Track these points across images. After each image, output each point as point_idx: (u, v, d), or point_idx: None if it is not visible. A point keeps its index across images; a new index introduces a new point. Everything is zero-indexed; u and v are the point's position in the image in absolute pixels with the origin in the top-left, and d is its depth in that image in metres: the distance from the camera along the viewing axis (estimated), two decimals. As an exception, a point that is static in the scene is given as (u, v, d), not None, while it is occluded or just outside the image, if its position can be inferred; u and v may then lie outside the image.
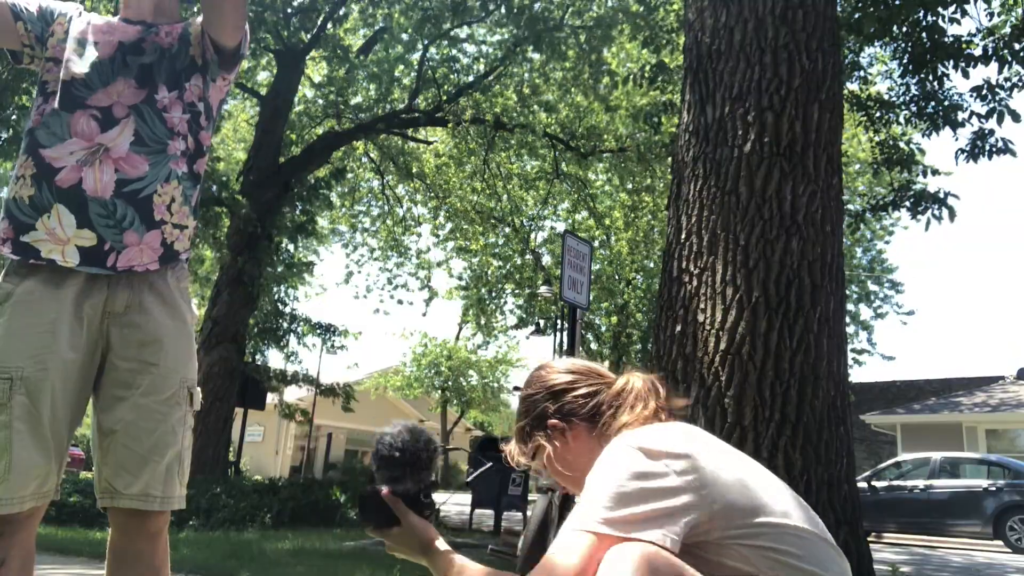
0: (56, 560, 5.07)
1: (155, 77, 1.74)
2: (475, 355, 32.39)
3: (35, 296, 1.61)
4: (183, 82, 1.77)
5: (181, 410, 1.66)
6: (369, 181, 16.72)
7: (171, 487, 1.63)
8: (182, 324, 1.71)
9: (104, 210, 1.63)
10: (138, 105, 1.70)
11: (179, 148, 1.74)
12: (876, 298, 24.03)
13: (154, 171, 1.69)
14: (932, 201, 7.38)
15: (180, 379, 1.66)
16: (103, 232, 1.62)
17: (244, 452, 16.93)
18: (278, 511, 8.07)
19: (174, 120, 1.74)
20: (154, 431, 1.61)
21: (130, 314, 1.65)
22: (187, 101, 1.77)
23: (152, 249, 1.68)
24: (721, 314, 3.61)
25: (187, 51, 1.80)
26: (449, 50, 13.32)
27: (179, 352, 1.68)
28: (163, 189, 1.69)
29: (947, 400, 20.20)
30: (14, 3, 1.77)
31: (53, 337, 1.58)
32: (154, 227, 1.68)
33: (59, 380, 1.58)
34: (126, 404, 1.62)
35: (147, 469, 1.60)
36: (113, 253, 1.63)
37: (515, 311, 20.67)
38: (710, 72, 4.11)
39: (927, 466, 12.84)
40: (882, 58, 9.32)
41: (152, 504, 1.60)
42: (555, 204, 17.52)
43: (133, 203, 1.65)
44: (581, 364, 1.35)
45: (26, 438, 1.54)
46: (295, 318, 13.39)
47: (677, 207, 4.08)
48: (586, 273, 7.12)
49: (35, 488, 1.55)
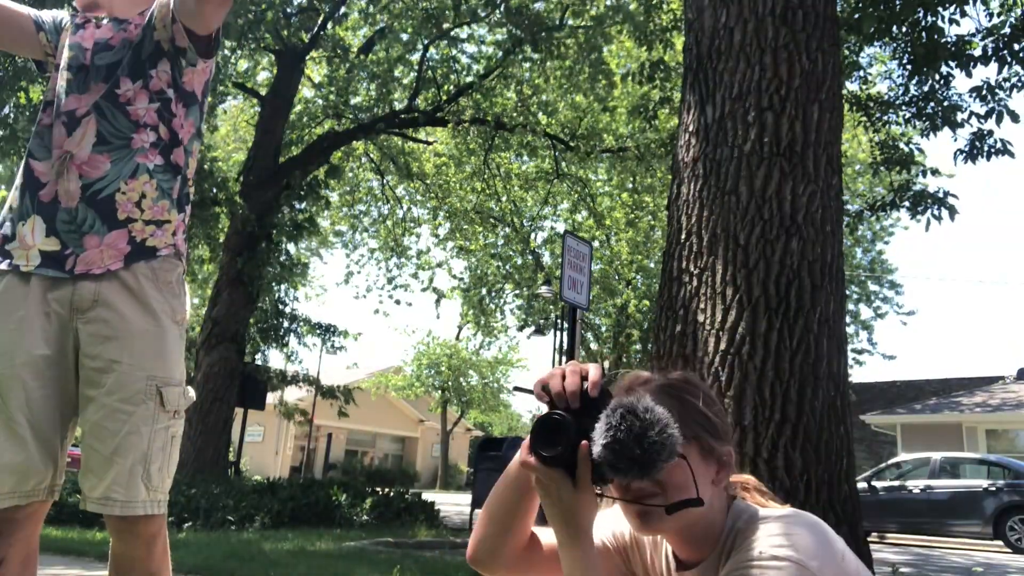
0: (56, 560, 5.07)
1: (117, 71, 1.70)
2: (476, 355, 32.39)
3: (5, 296, 1.61)
4: (148, 70, 1.71)
5: (148, 409, 1.59)
6: (369, 181, 16.72)
7: (134, 490, 1.55)
8: (152, 321, 1.64)
9: (68, 216, 1.63)
10: (98, 102, 1.67)
11: (147, 140, 1.69)
12: (876, 298, 24.06)
13: (116, 168, 1.65)
14: (932, 201, 7.39)
15: (146, 377, 1.60)
16: (65, 238, 1.63)
17: (244, 452, 16.93)
18: (278, 511, 8.07)
19: (139, 112, 1.69)
20: (118, 432, 1.56)
21: (96, 309, 1.61)
22: (154, 90, 1.71)
23: (115, 249, 1.64)
24: (721, 314, 3.61)
25: (151, 36, 1.73)
26: (449, 50, 13.32)
27: (146, 349, 1.61)
28: (128, 186, 1.65)
29: (947, 400, 20.20)
30: (37, 15, 1.80)
31: (21, 334, 1.58)
32: (118, 226, 1.64)
33: (31, 376, 1.56)
34: (93, 404, 1.59)
35: (110, 471, 1.55)
36: (72, 257, 1.62)
37: (515, 311, 20.68)
38: (710, 72, 4.11)
39: (927, 466, 12.85)
40: (882, 58, 9.32)
41: (112, 508, 1.54)
42: (555, 204, 17.53)
43: (93, 205, 1.63)
44: None
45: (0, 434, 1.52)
46: (295, 318, 13.39)
47: (677, 207, 4.08)
48: (586, 273, 7.12)
49: (12, 486, 1.52)
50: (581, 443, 0.99)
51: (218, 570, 4.72)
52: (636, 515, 1.06)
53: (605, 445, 0.94)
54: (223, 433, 10.93)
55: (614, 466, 0.95)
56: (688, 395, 1.12)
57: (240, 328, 11.30)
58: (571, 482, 1.00)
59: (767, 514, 1.08)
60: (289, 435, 31.53)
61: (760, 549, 0.99)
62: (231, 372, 10.95)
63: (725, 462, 1.11)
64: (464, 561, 5.85)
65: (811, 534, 1.00)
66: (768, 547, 0.99)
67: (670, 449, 0.94)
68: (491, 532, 1.20)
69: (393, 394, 34.32)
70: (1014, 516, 11.65)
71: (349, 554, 5.72)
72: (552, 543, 1.16)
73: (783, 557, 0.96)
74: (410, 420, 37.87)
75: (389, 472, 33.01)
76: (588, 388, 1.02)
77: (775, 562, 0.96)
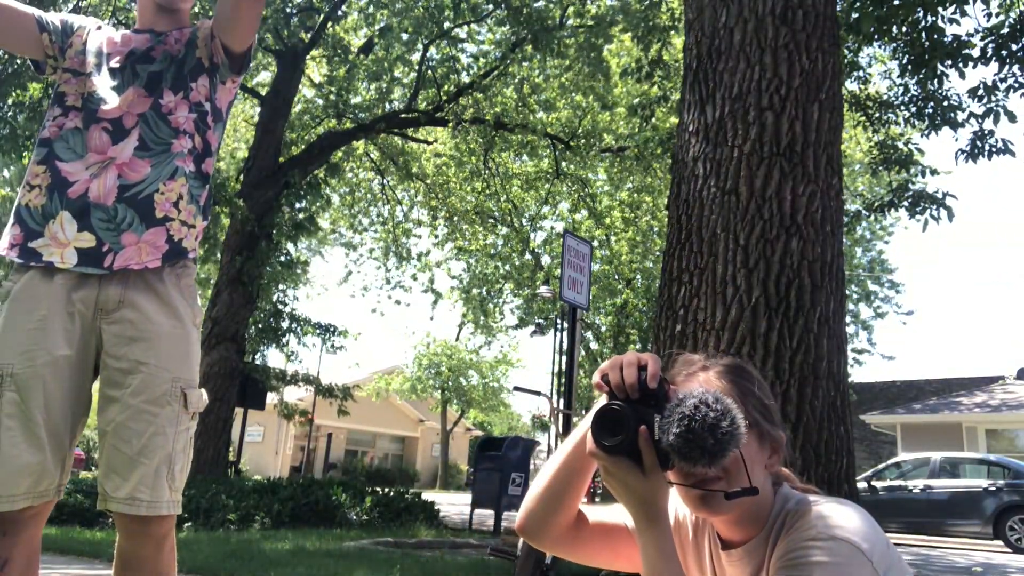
0: (56, 560, 5.07)
1: (162, 83, 1.76)
2: (476, 355, 32.37)
3: (27, 294, 1.61)
4: (189, 83, 1.78)
5: (172, 411, 1.61)
6: (370, 182, 16.71)
7: (159, 491, 1.58)
8: (178, 323, 1.68)
9: (105, 215, 1.64)
10: (145, 113, 1.72)
11: (185, 146, 1.74)
12: (876, 298, 24.07)
13: (156, 171, 1.69)
14: (930, 201, 7.40)
15: (171, 379, 1.62)
16: (102, 235, 1.63)
17: (244, 452, 16.94)
18: (278, 511, 8.07)
19: (179, 120, 1.75)
20: (143, 432, 1.57)
21: (122, 310, 1.63)
22: (193, 101, 1.78)
23: (154, 247, 1.67)
24: (721, 314, 3.61)
25: (194, 53, 1.81)
26: (449, 50, 13.32)
27: (172, 351, 1.64)
28: (166, 187, 1.70)
29: (947, 400, 20.20)
30: (40, 15, 1.81)
31: (44, 333, 1.58)
32: (156, 224, 1.68)
33: (51, 377, 1.57)
34: (117, 404, 1.60)
35: (136, 472, 1.56)
36: (111, 254, 1.64)
37: (514, 311, 20.68)
38: (710, 72, 4.11)
39: (927, 466, 12.86)
40: (881, 58, 9.33)
41: (139, 508, 1.56)
42: (554, 204, 17.53)
43: (133, 205, 1.66)
44: None
45: (17, 435, 1.52)
46: (295, 318, 13.39)
47: (677, 207, 4.08)
48: (586, 273, 7.12)
49: (28, 487, 1.52)
50: (640, 429, 1.02)
51: (218, 570, 4.72)
52: (696, 499, 1.09)
53: (678, 434, 0.97)
54: (223, 433, 10.93)
55: (686, 455, 0.98)
56: (745, 381, 1.16)
57: (240, 328, 11.30)
58: (639, 469, 1.03)
59: (818, 499, 1.11)
60: (289, 435, 31.54)
61: (819, 529, 1.02)
62: (231, 372, 10.95)
63: (778, 447, 1.14)
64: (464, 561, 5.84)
65: (864, 519, 1.05)
66: (826, 527, 1.02)
67: (739, 439, 0.98)
68: (540, 507, 1.24)
69: (394, 394, 34.32)
70: (1014, 516, 11.65)
71: (349, 554, 5.72)
72: (600, 520, 1.26)
73: (841, 538, 1.00)
74: (410, 420, 37.87)
75: (389, 472, 33.02)
76: (647, 379, 1.05)
77: (832, 542, 0.99)
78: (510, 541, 4.22)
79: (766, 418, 1.13)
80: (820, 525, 1.03)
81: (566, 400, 7.34)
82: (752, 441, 1.08)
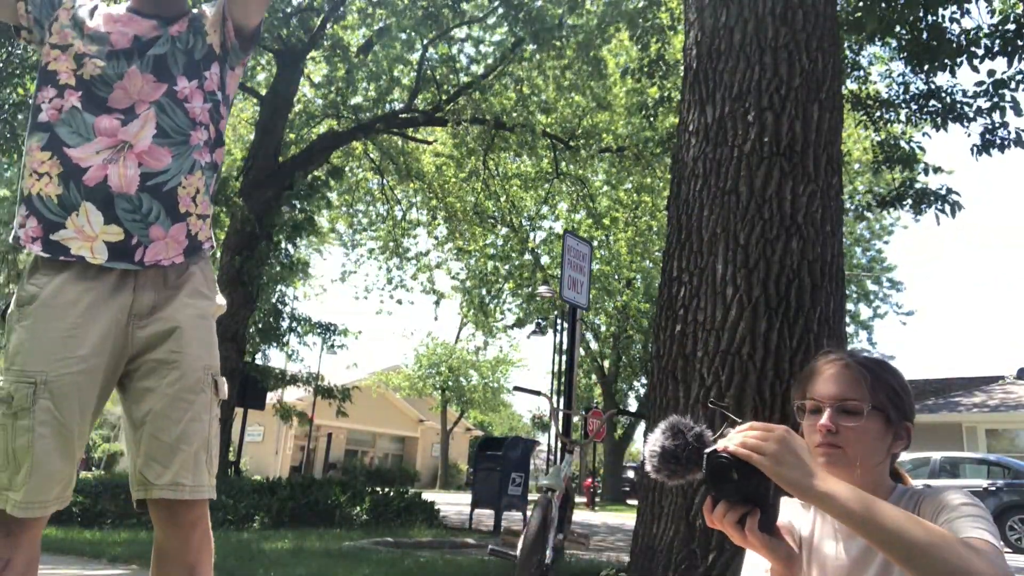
0: (56, 560, 5.07)
1: (172, 68, 1.74)
2: (475, 355, 32.37)
3: (59, 299, 1.60)
4: (203, 71, 1.78)
5: (206, 397, 1.67)
6: (369, 182, 16.71)
7: (200, 475, 1.63)
8: (205, 313, 1.73)
9: (130, 205, 1.63)
10: (159, 99, 1.70)
11: (202, 138, 1.75)
12: (876, 298, 24.08)
13: (177, 163, 1.69)
14: (935, 198, 7.40)
15: (204, 367, 1.67)
16: (130, 227, 1.63)
17: (244, 452, 16.91)
18: (278, 511, 8.07)
19: (195, 110, 1.75)
20: (181, 419, 1.62)
21: (154, 311, 1.66)
22: (207, 90, 1.78)
23: (177, 242, 1.69)
24: (721, 314, 3.61)
25: (204, 40, 1.80)
26: (448, 50, 13.32)
27: (202, 341, 1.69)
28: (187, 181, 1.70)
29: (947, 400, 20.20)
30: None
31: (77, 341, 1.57)
32: (179, 220, 1.69)
33: (85, 385, 1.58)
34: (154, 395, 1.63)
35: (177, 458, 1.60)
36: (140, 247, 1.64)
37: (513, 311, 20.68)
38: (710, 72, 4.11)
39: (927, 466, 12.85)
40: (882, 57, 9.32)
41: (182, 493, 1.60)
42: (553, 204, 17.52)
43: (158, 197, 1.66)
44: None
45: (49, 443, 1.53)
46: (295, 318, 13.38)
47: (677, 207, 4.08)
48: (586, 273, 7.11)
49: (58, 493, 1.55)
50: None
51: (218, 570, 4.70)
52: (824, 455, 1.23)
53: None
54: (223, 433, 10.89)
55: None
56: (882, 370, 1.30)
57: (240, 328, 11.29)
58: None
59: (946, 487, 1.24)
60: (289, 435, 31.53)
61: (963, 501, 1.15)
62: (231, 372, 10.93)
63: (902, 435, 1.29)
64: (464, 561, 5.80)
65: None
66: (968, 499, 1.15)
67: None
68: None
69: (394, 394, 34.31)
70: (1014, 516, 11.66)
71: (349, 554, 5.72)
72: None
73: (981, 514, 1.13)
74: (410, 420, 37.87)
75: (389, 472, 33.00)
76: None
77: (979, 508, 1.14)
78: (510, 541, 4.23)
79: (896, 406, 1.27)
80: (963, 492, 1.18)
81: (566, 400, 7.34)
82: (878, 421, 1.24)
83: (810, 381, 1.32)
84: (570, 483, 4.25)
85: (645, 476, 3.80)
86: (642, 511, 3.76)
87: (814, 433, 1.25)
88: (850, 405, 1.24)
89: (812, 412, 1.29)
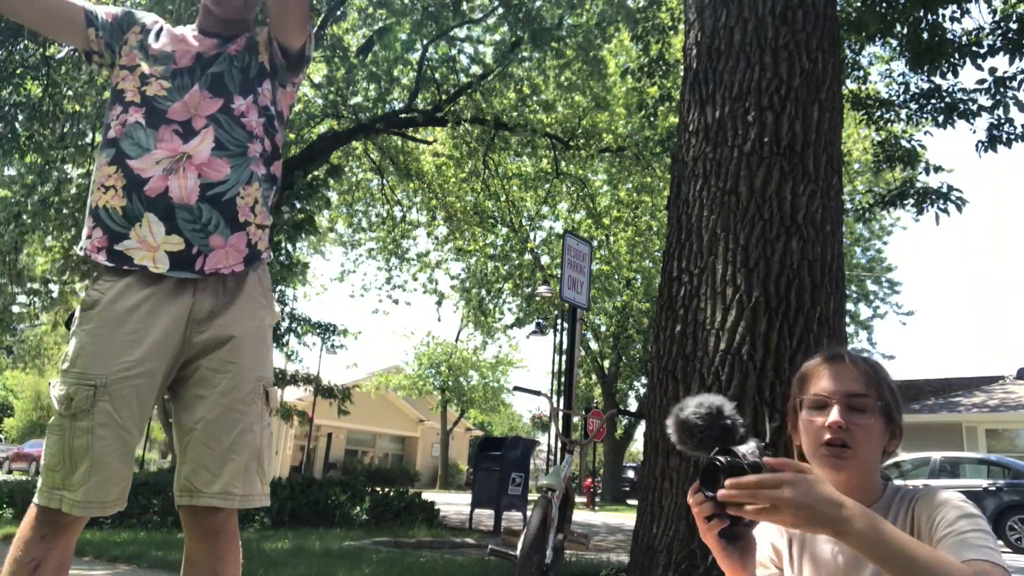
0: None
1: (228, 86, 1.80)
2: (476, 355, 32.36)
3: (120, 305, 1.64)
4: (256, 87, 1.84)
5: (257, 408, 1.70)
6: (369, 182, 16.70)
7: (251, 484, 1.67)
8: (260, 323, 1.76)
9: (190, 215, 1.67)
10: (215, 115, 1.75)
11: (257, 150, 1.80)
12: (875, 298, 24.08)
13: (235, 173, 1.73)
14: (936, 196, 7.41)
15: (256, 378, 1.70)
16: (190, 236, 1.67)
17: (244, 452, 16.88)
18: (277, 511, 8.07)
19: (252, 124, 1.80)
20: (233, 429, 1.64)
21: (213, 318, 1.69)
22: (261, 105, 1.83)
23: (237, 251, 1.73)
24: (721, 314, 3.61)
25: (256, 58, 1.86)
26: (449, 50, 13.31)
27: (255, 351, 1.72)
28: (245, 191, 1.75)
29: (947, 400, 20.21)
30: (91, 9, 1.83)
31: (137, 346, 1.61)
32: (239, 229, 1.73)
33: (144, 389, 1.61)
34: (206, 403, 1.65)
35: (228, 467, 1.63)
36: (201, 256, 1.68)
37: (513, 310, 20.67)
38: (710, 72, 4.11)
39: (927, 466, 12.85)
40: (882, 57, 9.32)
41: (232, 502, 1.63)
42: (553, 204, 17.51)
43: (217, 206, 1.70)
44: None
45: (108, 445, 1.55)
46: (295, 318, 13.37)
47: (677, 207, 4.08)
48: (586, 273, 7.11)
49: (116, 494, 1.58)
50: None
51: (218, 570, 4.71)
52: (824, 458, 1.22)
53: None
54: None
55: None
56: (880, 369, 1.30)
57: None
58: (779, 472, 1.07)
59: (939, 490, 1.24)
60: (289, 435, 31.52)
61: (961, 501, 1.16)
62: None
63: (898, 434, 1.28)
64: (464, 561, 5.79)
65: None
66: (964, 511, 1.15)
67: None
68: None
69: (394, 393, 34.30)
70: (1014, 516, 11.66)
71: (349, 554, 5.72)
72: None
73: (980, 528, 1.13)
74: (410, 420, 37.86)
75: (389, 472, 33.00)
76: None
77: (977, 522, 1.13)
78: (510, 541, 4.22)
79: (896, 406, 1.27)
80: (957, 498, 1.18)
81: (566, 400, 7.34)
82: (880, 418, 1.23)
83: (812, 378, 1.30)
84: (570, 483, 4.25)
85: (645, 476, 3.80)
86: (642, 511, 3.76)
87: (818, 430, 1.22)
88: (860, 402, 1.22)
89: (815, 409, 1.25)
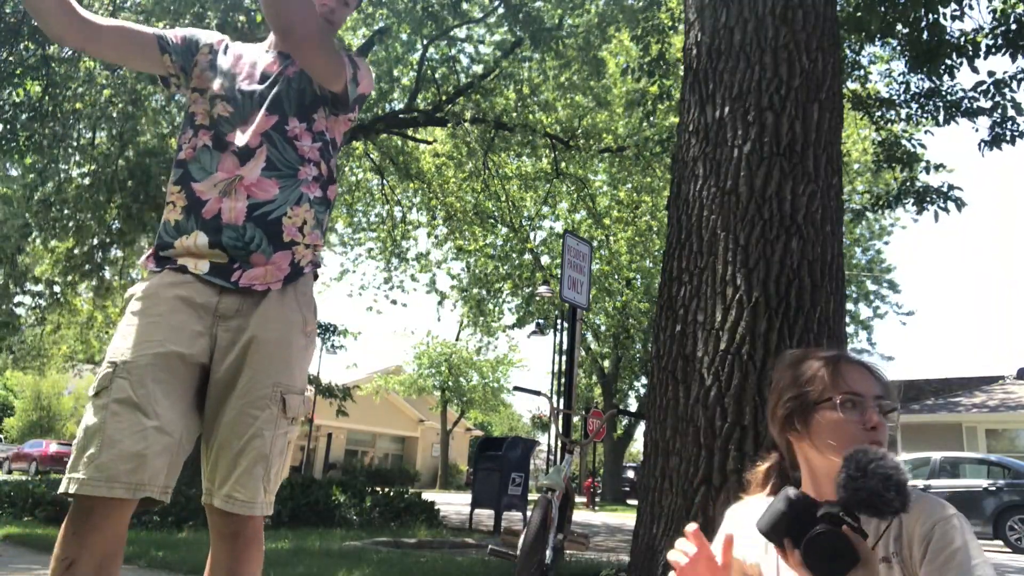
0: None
1: (284, 107, 1.81)
2: (476, 354, 32.33)
3: (150, 292, 1.68)
4: (311, 114, 1.84)
5: (271, 414, 1.66)
6: (369, 182, 16.70)
7: (255, 491, 1.63)
8: (287, 330, 1.73)
9: (235, 233, 1.70)
10: (269, 132, 1.77)
11: (311, 173, 1.81)
12: (875, 298, 24.09)
13: (284, 194, 1.75)
14: (936, 196, 7.41)
15: (272, 383, 1.68)
16: (233, 253, 1.71)
17: (244, 452, 16.88)
18: (277, 511, 8.07)
19: (304, 148, 1.81)
20: (244, 434, 1.64)
21: (238, 317, 1.69)
22: (316, 131, 1.85)
23: (279, 269, 1.74)
24: (721, 314, 3.61)
25: (311, 84, 1.86)
26: (449, 50, 13.31)
27: (275, 357, 1.69)
28: (293, 212, 1.76)
29: (947, 400, 20.21)
30: (162, 35, 1.85)
31: (158, 327, 1.63)
32: (283, 248, 1.75)
33: (163, 369, 1.60)
34: (226, 405, 1.66)
35: (235, 471, 1.62)
36: (239, 271, 1.71)
37: (513, 311, 20.66)
38: (710, 72, 4.11)
39: (927, 466, 12.85)
40: (882, 57, 9.32)
41: (234, 507, 1.61)
42: (553, 204, 17.51)
43: (262, 225, 1.72)
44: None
45: (122, 421, 1.52)
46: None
47: (677, 207, 4.08)
48: (586, 273, 7.11)
49: (126, 474, 1.48)
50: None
51: (218, 570, 4.71)
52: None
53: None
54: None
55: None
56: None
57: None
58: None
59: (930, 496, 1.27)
60: (289, 435, 31.47)
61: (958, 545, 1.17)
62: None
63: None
64: (464, 561, 5.79)
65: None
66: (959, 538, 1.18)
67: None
68: None
69: (394, 393, 34.29)
70: (1014, 516, 11.66)
71: (349, 554, 5.72)
72: None
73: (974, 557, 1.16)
74: (410, 420, 37.86)
75: (389, 472, 33.01)
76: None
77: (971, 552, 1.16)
78: (510, 541, 4.22)
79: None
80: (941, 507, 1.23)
81: (566, 400, 7.34)
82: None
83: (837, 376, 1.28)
84: (570, 483, 4.25)
85: (645, 476, 3.80)
86: (642, 511, 3.75)
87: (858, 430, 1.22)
88: (888, 405, 1.24)
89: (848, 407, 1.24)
